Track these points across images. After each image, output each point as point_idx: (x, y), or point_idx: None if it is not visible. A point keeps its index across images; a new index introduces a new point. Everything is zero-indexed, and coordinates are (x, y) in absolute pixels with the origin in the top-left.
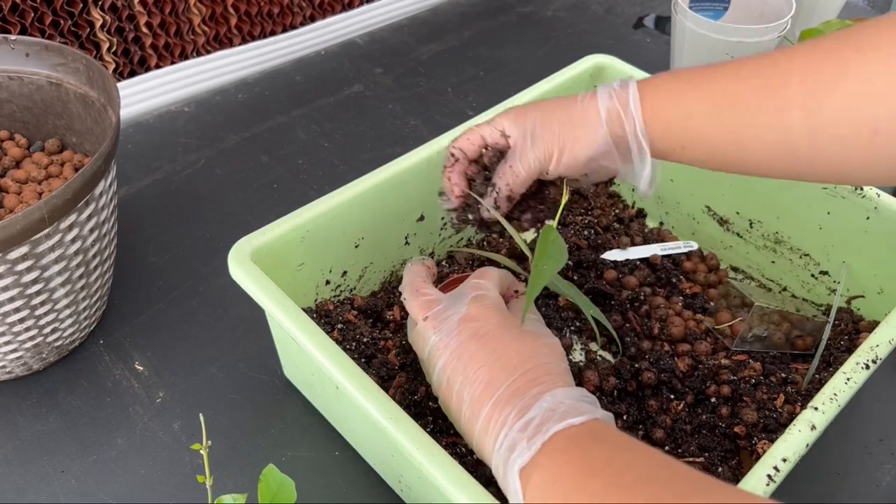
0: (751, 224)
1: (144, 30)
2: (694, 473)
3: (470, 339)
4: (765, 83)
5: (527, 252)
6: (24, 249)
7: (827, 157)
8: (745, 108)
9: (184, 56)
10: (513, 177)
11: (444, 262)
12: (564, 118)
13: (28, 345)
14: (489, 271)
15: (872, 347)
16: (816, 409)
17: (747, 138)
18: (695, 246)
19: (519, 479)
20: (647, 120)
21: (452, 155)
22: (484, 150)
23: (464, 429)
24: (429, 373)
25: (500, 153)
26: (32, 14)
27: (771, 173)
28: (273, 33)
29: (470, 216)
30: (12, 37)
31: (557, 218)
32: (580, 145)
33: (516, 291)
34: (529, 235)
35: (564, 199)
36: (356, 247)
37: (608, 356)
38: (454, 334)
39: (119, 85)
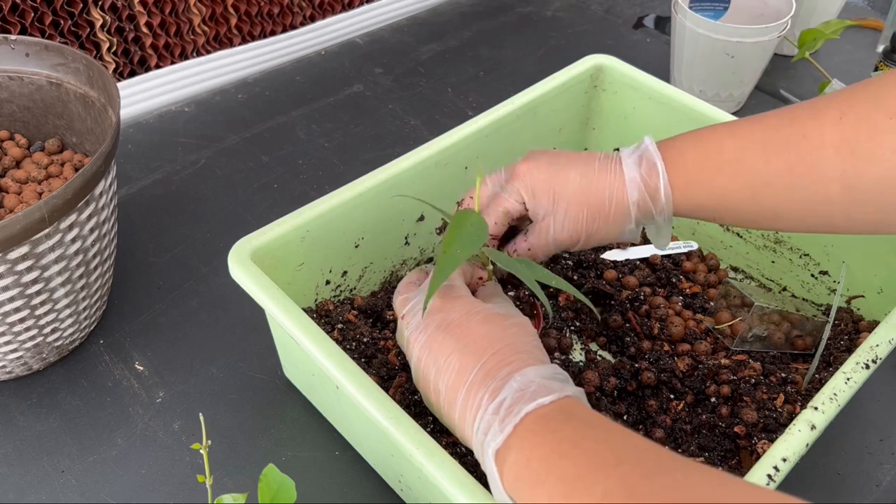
0: None
1: (144, 30)
2: (663, 451)
3: (437, 330)
4: (799, 158)
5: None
6: (24, 249)
7: (864, 220)
8: (780, 186)
9: (184, 56)
10: (530, 256)
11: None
12: (593, 210)
13: (28, 345)
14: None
15: (872, 347)
16: (816, 408)
17: (784, 212)
18: (695, 246)
19: (494, 462)
20: (678, 202)
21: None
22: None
23: (444, 418)
24: (410, 366)
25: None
26: (32, 14)
27: (804, 231)
28: (273, 33)
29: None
30: (12, 37)
31: (477, 202)
32: (608, 235)
33: (480, 278)
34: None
35: None
36: (356, 247)
37: (608, 356)
38: (422, 328)
39: (119, 85)
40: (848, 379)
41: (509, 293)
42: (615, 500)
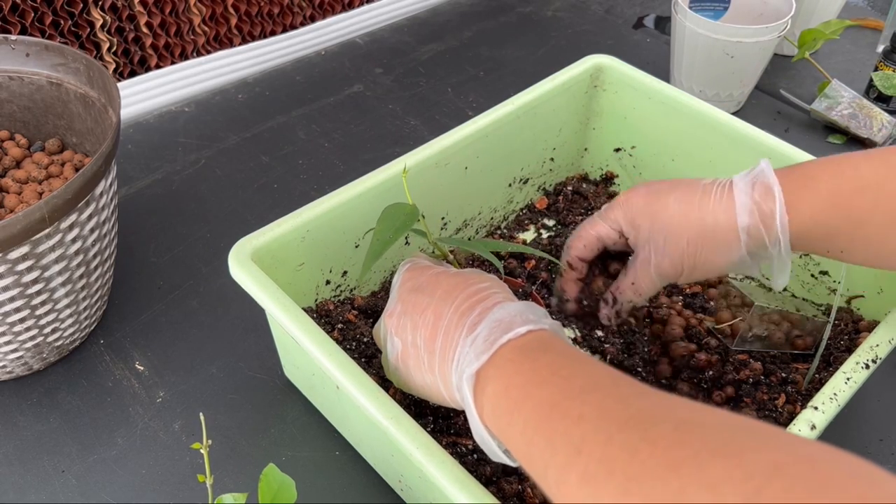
0: None
1: (144, 30)
2: (639, 382)
3: (409, 293)
4: None
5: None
6: (24, 249)
7: None
8: None
9: (184, 56)
10: (634, 293)
11: None
12: (695, 235)
13: (28, 345)
14: (419, 254)
15: (872, 347)
16: (816, 408)
17: None
18: None
19: (469, 387)
20: (808, 227)
21: (570, 265)
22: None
23: (427, 377)
24: (385, 354)
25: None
26: (33, 14)
27: None
28: (273, 33)
29: (585, 309)
30: (13, 37)
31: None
32: (715, 264)
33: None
34: (529, 234)
35: None
36: (356, 247)
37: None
38: (396, 299)
39: (119, 85)
40: (848, 379)
41: None
42: (591, 423)
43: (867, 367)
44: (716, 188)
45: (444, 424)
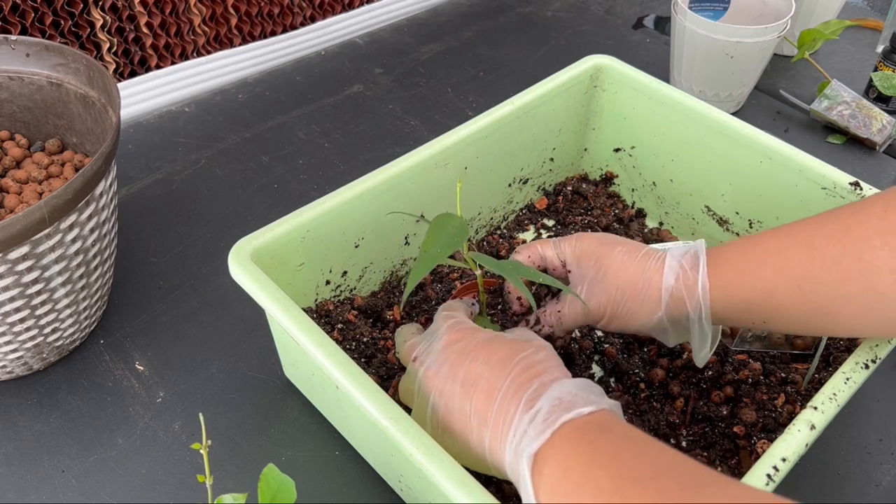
0: (750, 224)
1: (145, 30)
2: (699, 466)
3: (459, 357)
4: (844, 251)
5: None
6: (24, 249)
7: None
8: (829, 280)
9: (184, 56)
10: (558, 323)
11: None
12: (625, 286)
13: (28, 345)
14: (454, 303)
15: (872, 347)
16: (816, 408)
17: (836, 308)
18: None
19: (528, 467)
20: (719, 301)
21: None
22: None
23: (474, 444)
24: (422, 410)
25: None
26: (33, 14)
27: (865, 334)
28: (273, 33)
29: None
30: (13, 37)
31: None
32: (634, 319)
33: (472, 314)
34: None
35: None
36: (356, 247)
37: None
38: (441, 360)
39: (119, 85)
40: (847, 379)
41: None
42: None
43: (867, 367)
44: (655, 252)
45: None
